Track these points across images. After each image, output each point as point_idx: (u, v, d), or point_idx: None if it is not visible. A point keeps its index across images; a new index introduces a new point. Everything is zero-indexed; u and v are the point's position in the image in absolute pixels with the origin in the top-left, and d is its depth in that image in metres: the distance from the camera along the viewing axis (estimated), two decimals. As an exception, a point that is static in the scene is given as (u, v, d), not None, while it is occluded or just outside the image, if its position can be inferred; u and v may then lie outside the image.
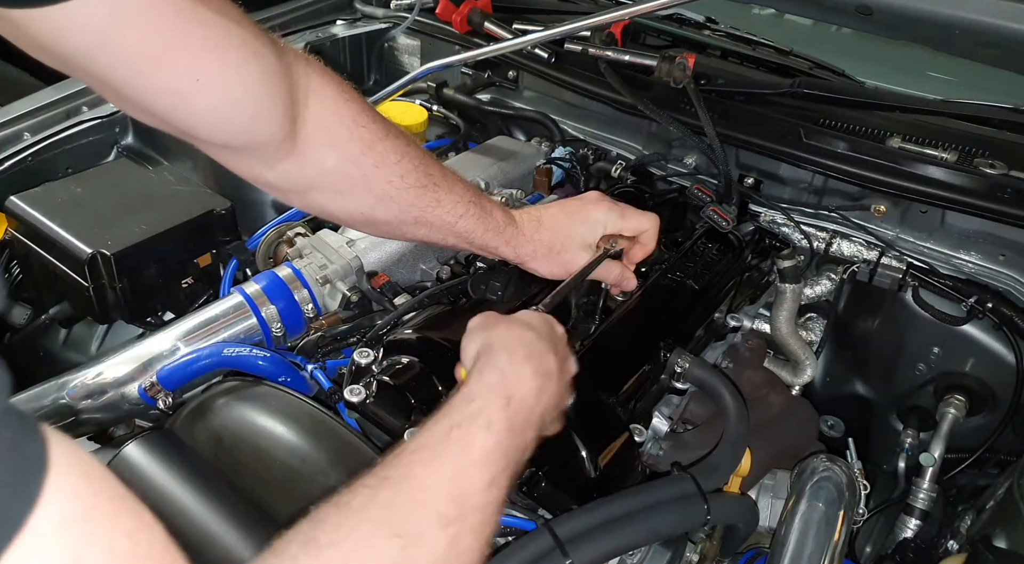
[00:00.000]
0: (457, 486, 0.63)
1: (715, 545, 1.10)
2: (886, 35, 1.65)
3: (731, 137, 1.46)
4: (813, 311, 1.53)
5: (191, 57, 0.72)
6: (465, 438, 0.67)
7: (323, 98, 0.86)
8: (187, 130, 0.80)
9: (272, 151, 0.85)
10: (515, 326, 0.81)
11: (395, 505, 0.60)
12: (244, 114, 0.79)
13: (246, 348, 1.11)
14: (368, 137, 0.89)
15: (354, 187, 0.92)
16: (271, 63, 0.78)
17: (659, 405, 1.17)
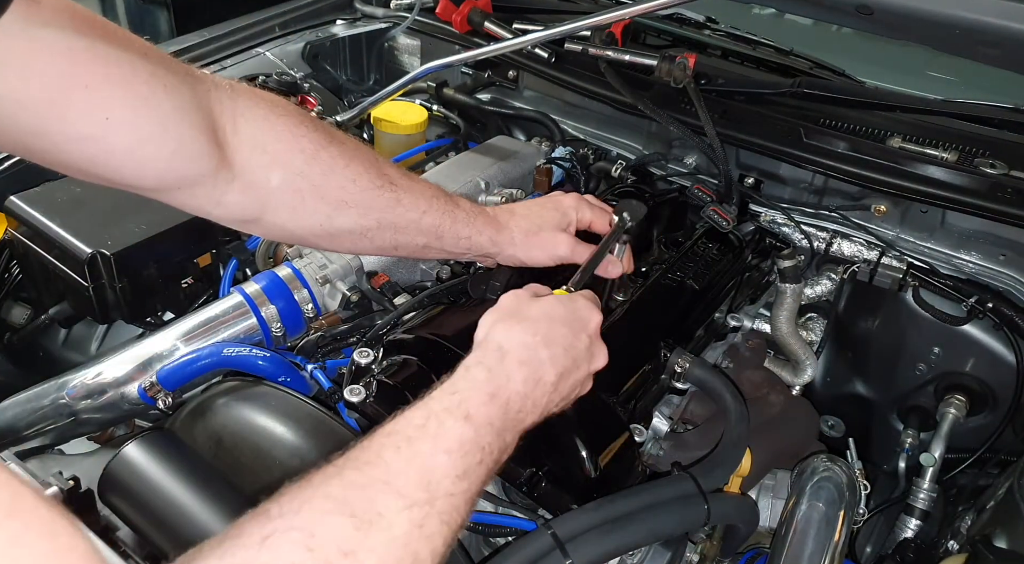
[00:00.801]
0: (426, 473, 0.62)
1: (715, 545, 1.10)
2: (886, 35, 1.65)
3: (731, 137, 1.46)
4: (813, 311, 1.53)
5: (95, 97, 0.70)
6: (441, 427, 0.66)
7: (254, 119, 0.83)
8: (110, 176, 0.77)
9: (211, 184, 0.82)
10: (526, 325, 0.78)
11: (356, 484, 0.59)
12: (165, 150, 0.76)
13: (246, 348, 1.11)
14: (310, 147, 0.87)
15: (306, 201, 0.89)
16: (184, 95, 0.76)
17: (659, 405, 1.17)
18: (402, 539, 0.58)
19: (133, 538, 0.89)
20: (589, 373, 0.84)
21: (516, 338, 0.76)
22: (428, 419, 0.66)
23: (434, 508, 0.60)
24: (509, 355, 0.74)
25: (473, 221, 1.03)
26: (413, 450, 0.63)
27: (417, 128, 1.67)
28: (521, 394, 0.73)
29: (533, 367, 0.75)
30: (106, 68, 0.70)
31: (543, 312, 0.79)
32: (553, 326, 0.78)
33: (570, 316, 0.81)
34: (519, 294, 0.83)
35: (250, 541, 0.52)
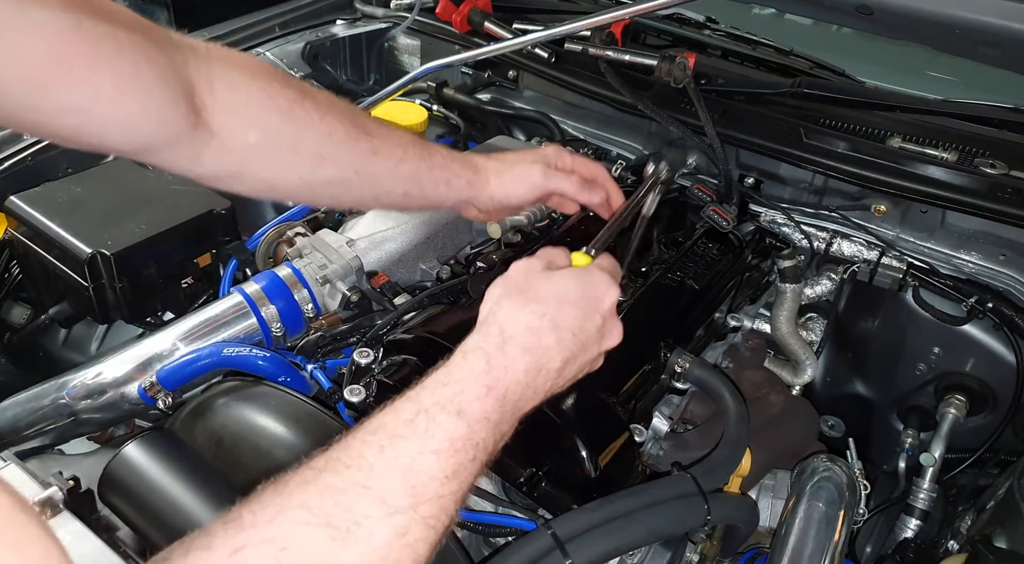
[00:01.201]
0: (412, 475, 0.58)
1: (715, 545, 1.10)
2: (886, 35, 1.65)
3: (731, 137, 1.46)
4: (813, 311, 1.53)
5: (84, 74, 0.73)
6: (431, 424, 0.61)
7: (229, 81, 0.86)
8: (95, 144, 0.81)
9: (190, 144, 0.84)
10: (534, 305, 0.72)
11: (334, 490, 0.55)
12: (147, 119, 0.80)
13: (246, 348, 1.11)
14: (284, 104, 0.89)
15: (284, 156, 0.91)
16: (164, 64, 0.79)
17: (659, 405, 1.17)
18: (382, 549, 0.55)
19: (133, 538, 0.89)
20: (600, 353, 0.79)
21: (522, 320, 0.70)
22: (417, 415, 0.62)
23: (419, 513, 0.57)
24: (511, 340, 0.69)
25: (450, 165, 1.03)
26: (398, 450, 0.59)
27: (417, 128, 1.67)
28: (522, 383, 0.69)
29: (537, 355, 0.70)
30: (92, 46, 0.72)
31: (554, 291, 0.73)
32: (563, 308, 0.73)
33: (584, 294, 0.74)
34: (531, 264, 0.77)
35: (220, 554, 0.50)
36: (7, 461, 0.88)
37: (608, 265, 0.81)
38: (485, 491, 1.03)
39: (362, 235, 1.30)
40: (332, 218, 1.45)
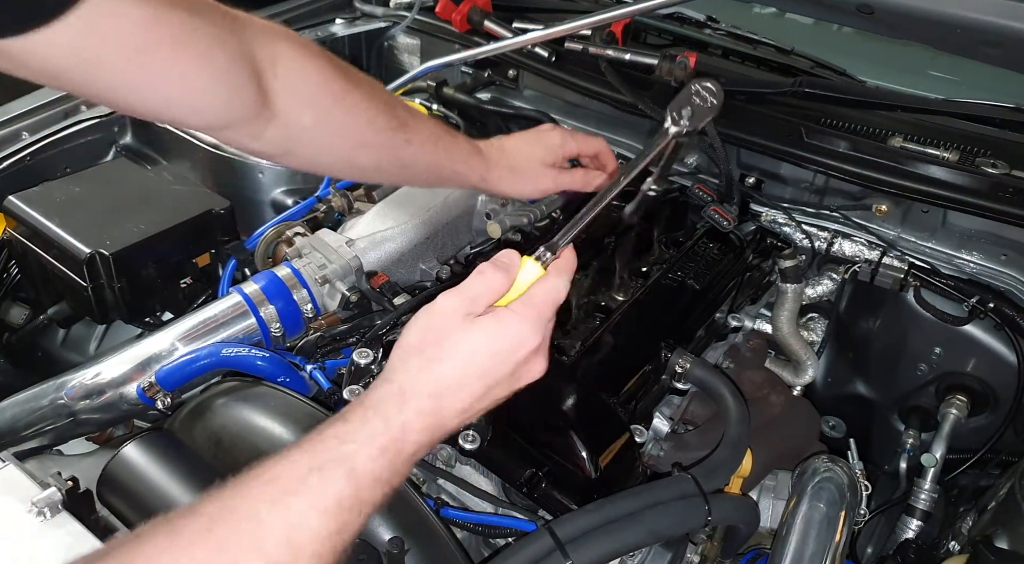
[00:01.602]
0: (297, 532, 0.61)
1: (716, 546, 1.09)
2: (887, 34, 1.64)
3: (732, 136, 1.45)
4: (814, 311, 1.53)
5: (165, 59, 0.81)
6: (322, 483, 0.63)
7: (291, 63, 0.93)
8: (171, 120, 0.96)
9: (253, 123, 0.93)
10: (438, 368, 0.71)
11: (225, 545, 0.58)
12: (219, 98, 0.88)
13: (245, 348, 1.11)
14: (338, 90, 0.98)
15: (332, 138, 1.02)
16: (234, 47, 0.87)
17: (660, 405, 1.17)
18: None
19: (131, 539, 0.89)
20: (513, 391, 0.78)
21: (421, 386, 0.70)
22: (310, 472, 0.63)
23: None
24: (407, 404, 0.69)
25: (468, 160, 1.17)
26: (288, 506, 0.61)
27: (417, 128, 1.66)
28: (416, 442, 0.70)
29: (435, 416, 0.71)
30: (173, 32, 0.81)
31: (461, 356, 0.72)
32: (466, 373, 0.72)
33: (492, 352, 0.72)
34: (451, 313, 0.73)
35: None
36: (6, 462, 0.88)
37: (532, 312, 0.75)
38: (485, 492, 1.03)
39: (362, 235, 1.30)
40: (332, 218, 1.45)
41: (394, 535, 0.87)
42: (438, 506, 1.01)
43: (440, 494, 1.06)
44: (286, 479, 0.62)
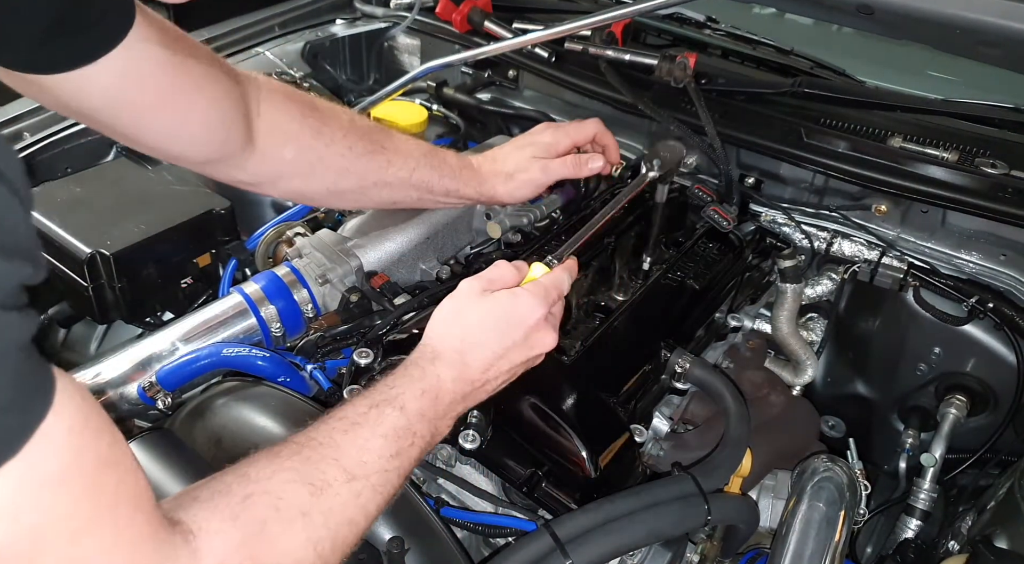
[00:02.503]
0: (365, 453, 0.74)
1: (716, 545, 1.09)
2: (887, 34, 1.64)
3: (732, 137, 1.46)
4: (814, 311, 1.53)
5: (181, 102, 0.92)
6: (380, 416, 0.78)
7: (273, 104, 1.04)
8: (176, 156, 1.03)
9: (239, 156, 1.02)
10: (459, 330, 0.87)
11: (313, 460, 0.71)
12: (218, 137, 0.98)
13: (245, 348, 1.11)
14: (315, 124, 1.08)
15: (314, 168, 1.10)
16: (234, 92, 0.98)
17: (660, 405, 1.17)
18: (344, 504, 0.71)
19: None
20: (531, 357, 0.90)
21: (448, 343, 0.86)
22: (370, 408, 0.78)
23: (369, 481, 0.73)
24: (439, 359, 0.85)
25: (459, 175, 1.20)
26: (356, 433, 0.75)
27: (417, 128, 1.66)
28: (450, 391, 0.84)
29: (459, 369, 0.85)
30: (191, 78, 0.91)
31: (479, 318, 0.87)
32: (485, 331, 0.87)
33: (506, 316, 0.87)
34: (472, 286, 0.90)
35: (234, 499, 0.65)
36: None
37: (538, 287, 0.90)
38: (485, 491, 1.03)
39: (362, 235, 1.30)
40: (332, 218, 1.45)
41: (394, 535, 0.87)
42: (438, 506, 1.01)
43: (440, 494, 1.06)
44: (351, 415, 0.77)
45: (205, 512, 0.62)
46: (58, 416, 0.49)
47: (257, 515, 0.64)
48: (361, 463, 0.73)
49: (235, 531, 0.62)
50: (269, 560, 0.63)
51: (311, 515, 0.67)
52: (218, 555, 0.60)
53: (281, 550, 0.65)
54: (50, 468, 0.49)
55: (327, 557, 0.68)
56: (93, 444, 0.52)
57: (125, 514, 0.54)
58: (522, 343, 0.88)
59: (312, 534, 0.67)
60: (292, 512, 0.66)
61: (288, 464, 0.70)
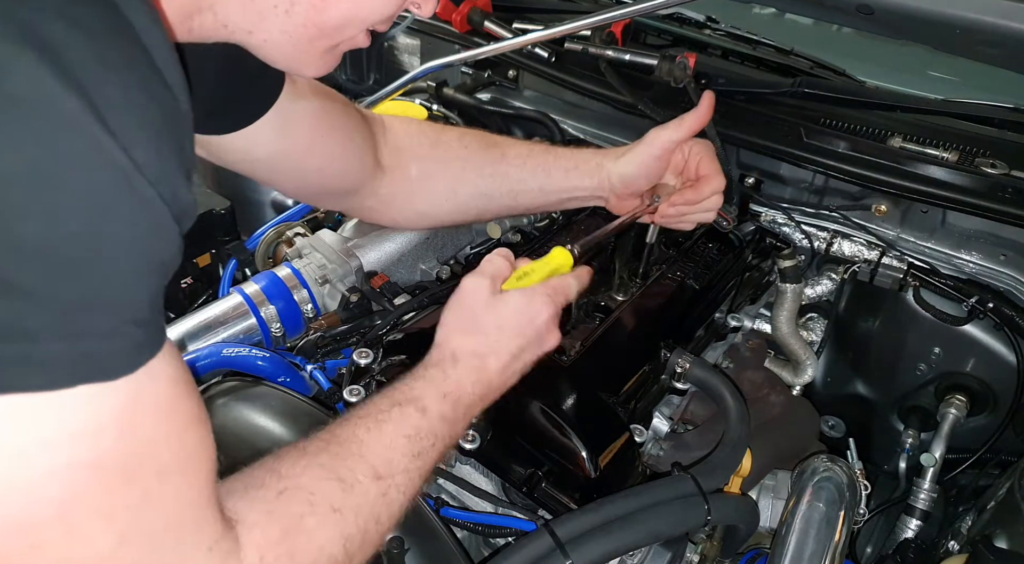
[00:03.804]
0: (390, 451, 0.75)
1: (716, 545, 1.09)
2: (887, 34, 1.64)
3: (732, 137, 1.46)
4: (814, 311, 1.53)
5: (326, 145, 1.00)
6: (403, 416, 0.78)
7: (393, 129, 1.12)
8: (323, 192, 1.11)
9: (371, 183, 1.09)
10: (478, 338, 0.87)
11: (340, 457, 0.71)
12: (355, 167, 1.06)
13: (245, 348, 1.11)
14: (431, 136, 1.14)
15: (436, 180, 1.13)
16: (363, 125, 1.06)
17: (659, 405, 1.17)
18: (372, 503, 0.71)
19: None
20: (539, 355, 0.92)
21: (468, 348, 0.86)
22: (392, 407, 0.78)
23: (394, 481, 0.73)
24: (460, 362, 0.85)
25: (576, 154, 1.17)
26: (381, 431, 0.75)
27: (417, 128, 1.66)
28: (470, 393, 0.84)
29: (480, 373, 0.86)
30: (331, 122, 1.00)
31: (496, 321, 0.87)
32: (503, 334, 0.87)
33: (519, 319, 0.88)
34: (479, 289, 0.88)
35: (269, 493, 0.65)
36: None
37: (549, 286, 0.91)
38: (485, 491, 1.03)
39: (362, 235, 1.30)
40: (332, 218, 1.45)
41: (394, 535, 0.87)
42: (438, 506, 1.01)
43: (440, 494, 1.06)
44: (375, 413, 0.77)
45: (243, 504, 0.62)
46: (166, 359, 0.52)
47: (293, 510, 0.65)
48: (387, 461, 0.74)
49: (273, 525, 0.63)
50: (305, 555, 0.64)
51: (342, 511, 0.68)
52: (259, 547, 0.60)
53: (317, 545, 0.65)
54: (156, 402, 0.52)
55: (355, 554, 0.68)
56: (189, 399, 0.56)
57: (202, 474, 0.57)
58: (535, 342, 0.89)
59: (344, 530, 0.67)
60: (325, 507, 0.67)
61: (317, 460, 0.70)
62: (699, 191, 1.11)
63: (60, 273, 0.45)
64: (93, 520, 0.50)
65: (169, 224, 0.50)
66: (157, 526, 0.53)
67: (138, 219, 0.47)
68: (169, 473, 0.54)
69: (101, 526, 0.50)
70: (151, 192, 0.48)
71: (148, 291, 0.49)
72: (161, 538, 0.54)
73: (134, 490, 0.51)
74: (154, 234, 0.49)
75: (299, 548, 0.63)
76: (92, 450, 0.48)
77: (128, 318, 0.48)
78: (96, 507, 0.50)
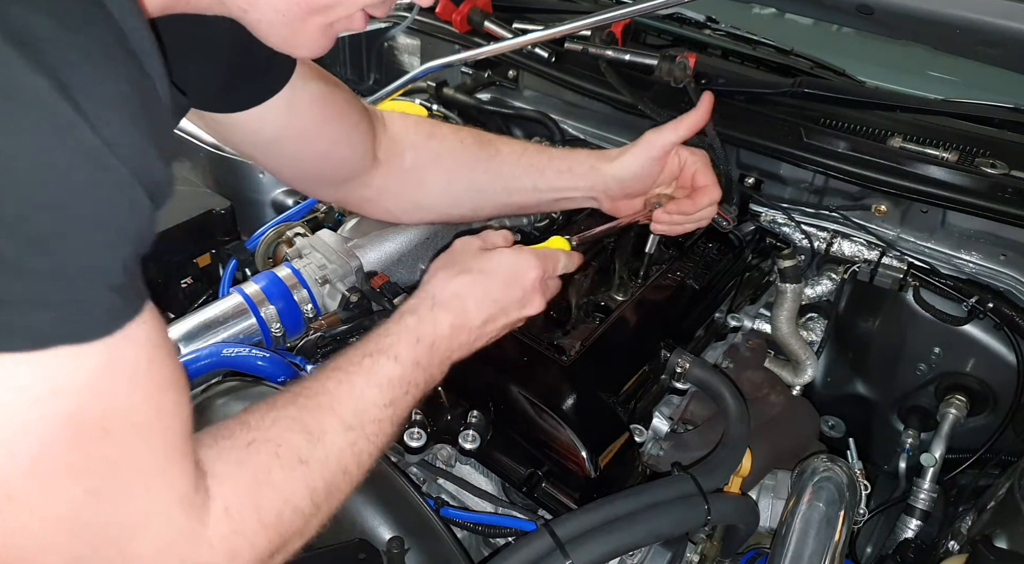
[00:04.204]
0: (360, 402, 0.76)
1: (716, 545, 1.09)
2: (887, 34, 1.64)
3: (732, 137, 1.46)
4: (814, 311, 1.53)
5: (332, 129, 1.02)
6: (374, 365, 0.79)
7: (390, 121, 1.13)
8: (321, 180, 1.11)
9: (367, 173, 1.10)
10: (463, 277, 0.88)
11: (309, 409, 0.72)
12: (358, 155, 1.08)
13: (245, 348, 1.11)
14: (427, 129, 1.15)
15: (430, 170, 1.14)
16: (366, 116, 1.07)
17: (659, 405, 1.17)
18: (339, 454, 0.72)
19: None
20: (521, 317, 0.92)
21: (450, 289, 0.87)
22: (363, 359, 0.79)
23: (364, 431, 0.75)
24: (439, 304, 0.86)
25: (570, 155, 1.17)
26: (351, 383, 0.76)
27: (417, 128, 1.66)
28: (447, 337, 0.85)
29: (458, 315, 0.86)
30: (337, 108, 1.02)
31: (482, 267, 0.89)
32: (487, 279, 0.88)
33: (506, 269, 0.90)
34: (469, 241, 0.92)
35: (238, 443, 0.67)
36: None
37: (540, 251, 0.94)
38: (485, 491, 1.03)
39: (362, 235, 1.30)
40: (332, 218, 1.45)
41: (394, 534, 0.87)
42: (438, 506, 1.01)
43: (440, 494, 1.06)
44: (345, 365, 0.78)
45: (212, 454, 0.63)
46: (146, 323, 0.54)
47: (260, 462, 0.66)
48: (356, 412, 0.75)
49: (240, 477, 0.64)
50: (271, 507, 0.65)
51: (309, 463, 0.69)
52: (227, 497, 0.62)
53: (283, 498, 0.66)
54: (133, 362, 0.54)
55: (321, 505, 0.70)
56: (166, 362, 0.57)
57: (176, 432, 0.58)
58: (519, 299, 0.90)
59: (310, 482, 0.68)
60: (292, 460, 0.68)
61: (286, 412, 0.71)
62: (695, 202, 1.12)
63: (33, 246, 0.47)
64: (65, 473, 0.52)
65: (141, 199, 0.52)
66: (128, 480, 0.55)
67: (108, 195, 0.50)
68: (142, 431, 0.56)
69: (73, 479, 0.52)
70: (121, 169, 0.50)
71: (122, 260, 0.52)
72: (132, 492, 0.56)
73: (107, 446, 0.53)
74: (125, 209, 0.51)
75: (265, 500, 0.65)
76: (67, 408, 0.51)
77: (103, 284, 0.51)
78: (69, 462, 0.52)
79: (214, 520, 0.60)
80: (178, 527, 0.58)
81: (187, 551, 0.59)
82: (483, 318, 0.88)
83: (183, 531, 0.58)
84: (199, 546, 0.59)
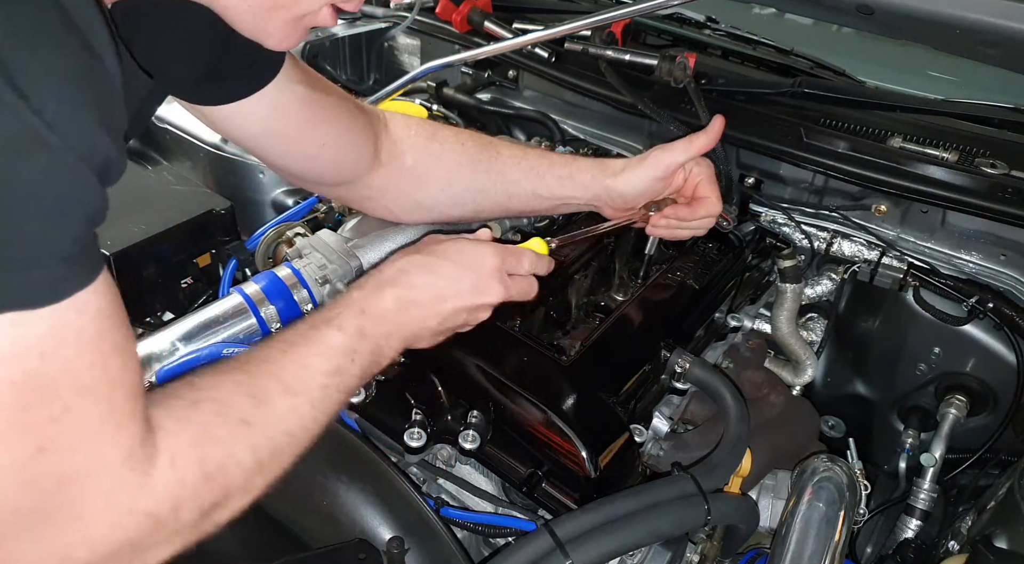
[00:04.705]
0: (304, 369, 0.78)
1: (716, 545, 1.09)
2: (887, 35, 1.64)
3: (732, 137, 1.46)
4: (814, 311, 1.53)
5: (319, 132, 1.03)
6: (318, 334, 0.82)
7: (392, 123, 1.14)
8: (316, 180, 1.13)
9: (368, 175, 1.11)
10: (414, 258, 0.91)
11: (253, 375, 0.75)
12: (351, 159, 1.08)
13: (245, 348, 1.11)
14: (429, 130, 1.16)
15: (430, 170, 1.15)
16: (362, 120, 1.08)
17: (659, 405, 1.17)
18: (282, 417, 0.75)
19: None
20: (477, 305, 0.92)
21: (397, 266, 0.90)
22: (309, 330, 0.82)
23: (308, 396, 0.77)
24: (384, 280, 0.89)
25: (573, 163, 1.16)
26: (295, 352, 0.79)
27: (417, 128, 1.66)
28: (393, 310, 0.87)
29: (404, 288, 0.88)
30: (325, 111, 1.03)
31: (434, 250, 0.92)
32: (438, 260, 0.91)
33: (460, 255, 0.92)
34: (436, 234, 0.96)
35: (184, 402, 0.69)
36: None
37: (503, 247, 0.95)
38: (485, 491, 1.03)
39: (362, 235, 1.30)
40: (332, 218, 1.45)
41: (394, 535, 0.87)
42: (438, 506, 1.01)
43: (440, 494, 1.06)
44: (290, 336, 0.81)
45: (160, 411, 0.66)
46: (96, 294, 0.57)
47: (205, 418, 0.69)
48: (300, 379, 0.77)
49: (186, 432, 0.67)
50: (214, 461, 0.68)
51: (251, 423, 0.72)
52: (172, 450, 0.64)
53: (226, 453, 0.69)
54: (79, 330, 0.56)
55: (266, 464, 0.73)
56: (115, 331, 0.60)
57: (122, 394, 0.61)
58: (473, 284, 0.91)
59: (253, 441, 0.71)
60: (235, 419, 0.71)
61: (232, 377, 0.74)
62: (694, 211, 1.13)
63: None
64: (13, 431, 0.55)
65: (84, 173, 0.54)
66: (74, 438, 0.58)
67: (47, 170, 0.51)
68: (88, 393, 0.58)
69: (20, 436, 0.55)
70: (62, 146, 0.51)
71: (68, 232, 0.54)
72: (78, 449, 0.58)
73: (53, 407, 0.56)
74: (67, 183, 0.53)
75: (208, 454, 0.67)
76: (14, 371, 0.53)
77: (48, 254, 0.53)
78: (16, 419, 0.55)
79: (159, 472, 0.63)
80: (122, 479, 0.60)
81: (131, 501, 0.61)
82: (431, 296, 0.89)
83: (127, 483, 0.61)
84: (143, 496, 0.62)
